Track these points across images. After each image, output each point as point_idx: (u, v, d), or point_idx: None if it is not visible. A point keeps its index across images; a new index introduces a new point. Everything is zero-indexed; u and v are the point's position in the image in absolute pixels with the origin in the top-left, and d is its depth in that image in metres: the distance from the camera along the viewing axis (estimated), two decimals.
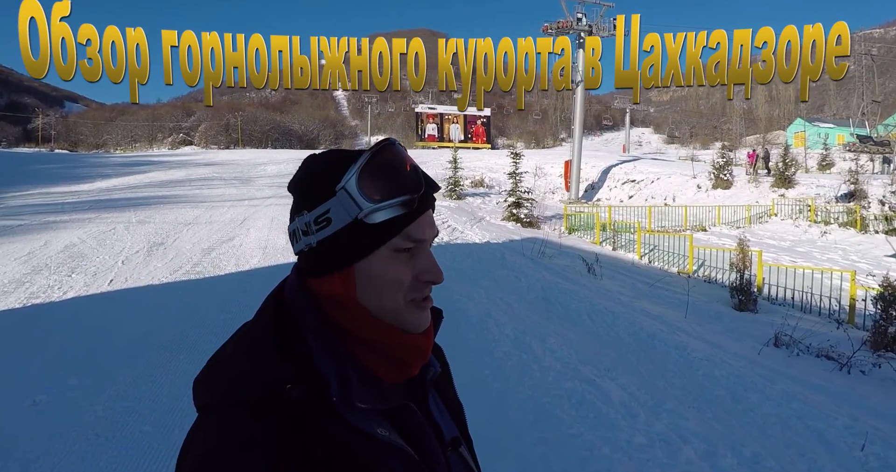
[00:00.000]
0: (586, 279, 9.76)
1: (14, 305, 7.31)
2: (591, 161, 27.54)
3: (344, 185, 0.73)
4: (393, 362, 0.77)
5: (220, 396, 0.71)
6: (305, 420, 0.67)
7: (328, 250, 0.75)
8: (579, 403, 4.17)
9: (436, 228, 0.80)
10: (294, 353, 0.71)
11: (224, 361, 0.75)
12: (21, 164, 29.16)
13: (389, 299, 0.75)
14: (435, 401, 0.87)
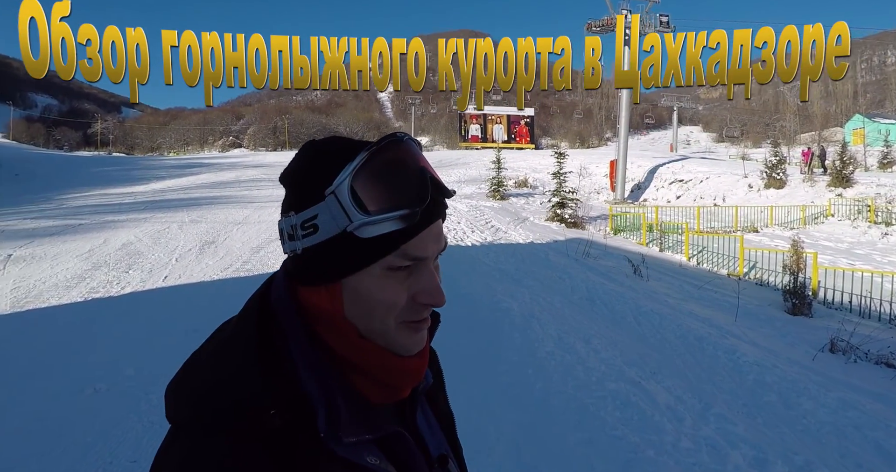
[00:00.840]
0: (632, 281, 9.60)
1: (76, 299, 7.69)
2: (637, 161, 27.04)
3: (334, 189, 0.63)
4: (381, 385, 0.69)
5: (193, 414, 0.63)
6: (289, 452, 0.60)
7: (314, 261, 0.66)
8: (624, 404, 4.12)
9: (443, 241, 0.70)
10: (278, 371, 0.63)
11: (201, 371, 0.66)
12: (81, 167, 30.54)
13: (379, 320, 0.66)
14: (424, 413, 0.80)
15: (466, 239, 12.14)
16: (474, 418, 3.90)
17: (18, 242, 11.37)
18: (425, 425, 0.78)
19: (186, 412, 0.64)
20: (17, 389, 4.74)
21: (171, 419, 0.66)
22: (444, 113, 70.42)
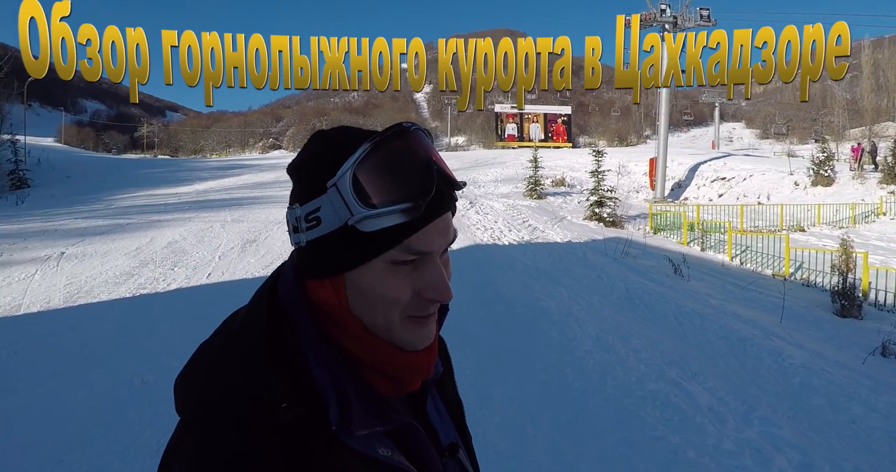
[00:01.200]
0: (672, 280, 9.43)
1: (125, 294, 7.98)
2: (677, 158, 26.47)
3: (336, 182, 0.62)
4: (389, 379, 0.68)
5: (205, 410, 0.62)
6: (301, 446, 0.59)
7: (317, 254, 0.65)
8: (664, 405, 4.07)
9: (451, 235, 0.68)
10: (289, 364, 0.62)
11: (211, 364, 0.65)
12: (129, 169, 31.56)
13: (382, 315, 0.65)
14: (434, 402, 0.79)
15: (503, 238, 12.11)
16: (511, 415, 3.91)
17: (71, 240, 11.84)
18: (435, 414, 0.78)
19: (197, 406, 0.63)
20: (69, 379, 4.95)
21: (181, 413, 0.65)
22: (480, 113, 70.21)
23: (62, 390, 4.76)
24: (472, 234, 12.39)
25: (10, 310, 7.31)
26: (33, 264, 9.74)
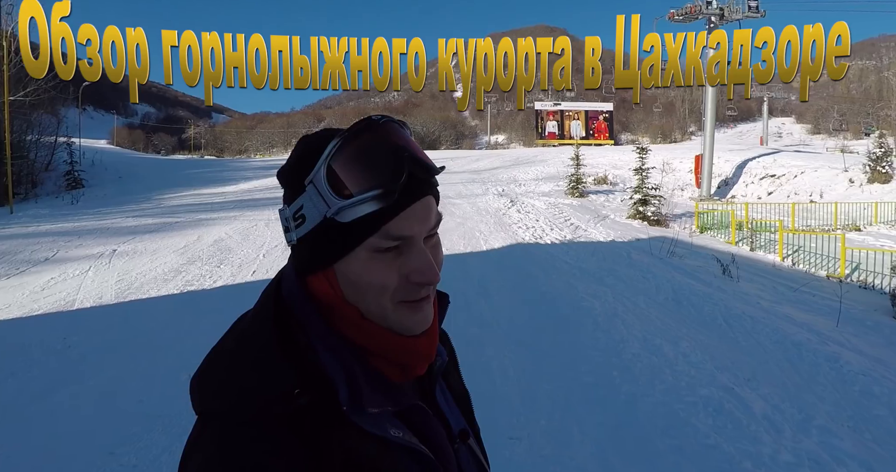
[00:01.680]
0: (721, 281, 9.13)
1: (173, 291, 8.17)
2: (724, 155, 25.73)
3: (312, 178, 0.65)
4: (394, 364, 0.70)
5: (220, 404, 0.64)
6: (316, 430, 0.61)
7: (307, 250, 0.68)
8: (716, 412, 3.91)
9: (432, 219, 0.69)
10: (298, 355, 0.65)
11: (224, 362, 0.68)
12: (177, 169, 32.49)
13: (373, 302, 0.67)
14: (442, 391, 0.81)
15: (545, 237, 11.96)
16: (557, 418, 3.82)
17: (122, 238, 12.23)
18: (444, 402, 0.79)
19: (213, 401, 0.65)
20: (120, 373, 5.08)
21: (198, 411, 0.67)
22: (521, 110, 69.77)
23: (112, 383, 4.88)
24: (513, 233, 12.27)
25: (65, 305, 7.56)
26: (87, 261, 10.08)
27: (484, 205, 16.29)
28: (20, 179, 23.61)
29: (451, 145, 76.74)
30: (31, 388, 4.86)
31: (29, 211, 18.30)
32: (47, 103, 25.53)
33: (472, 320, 6.20)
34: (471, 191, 19.74)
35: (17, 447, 3.81)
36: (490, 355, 5.05)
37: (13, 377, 5.11)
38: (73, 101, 32.13)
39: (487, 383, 4.47)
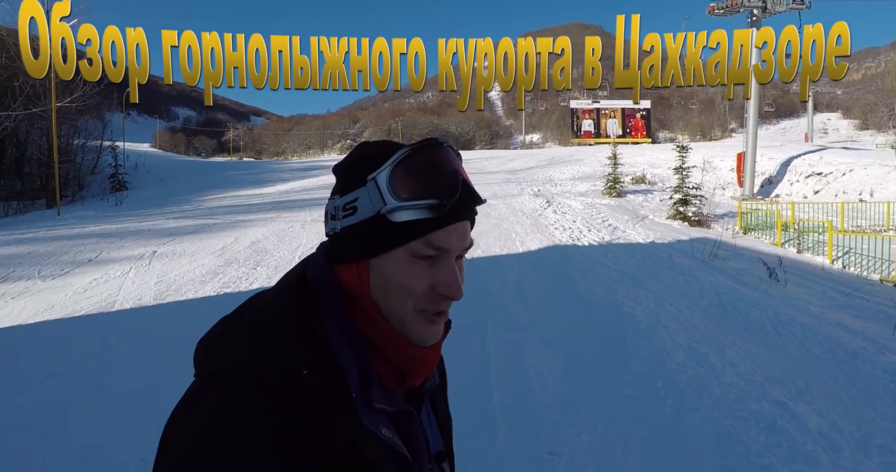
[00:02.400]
0: (767, 285, 8.77)
1: (210, 293, 8.24)
2: (767, 153, 24.89)
3: (375, 176, 0.69)
4: (394, 369, 0.73)
5: (229, 368, 0.65)
6: (323, 410, 0.62)
7: (349, 239, 0.71)
8: (769, 429, 3.68)
9: (468, 241, 0.73)
10: (313, 337, 0.66)
11: (237, 330, 0.69)
12: (216, 171, 33.13)
13: (397, 304, 0.70)
14: (427, 412, 0.83)
15: (583, 238, 11.71)
16: (599, 433, 3.65)
17: (162, 239, 12.46)
18: (427, 422, 0.81)
19: (221, 366, 0.66)
20: (155, 376, 5.09)
21: (200, 373, 0.68)
22: (556, 109, 69.09)
23: (148, 386, 4.90)
24: (549, 234, 12.06)
25: (105, 306, 7.69)
26: (128, 262, 10.28)
27: (519, 205, 16.09)
28: (67, 181, 24.40)
29: (486, 145, 76.54)
30: (70, 389, 4.92)
31: (75, 213, 18.86)
32: (93, 108, 26.32)
33: (509, 325, 6.06)
34: (506, 191, 19.55)
35: (54, 449, 3.83)
36: (528, 362, 4.90)
37: (54, 378, 5.18)
38: (117, 106, 33.07)
39: (525, 393, 4.32)
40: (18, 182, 24.20)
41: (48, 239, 12.99)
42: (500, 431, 3.71)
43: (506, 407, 4.07)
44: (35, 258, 10.91)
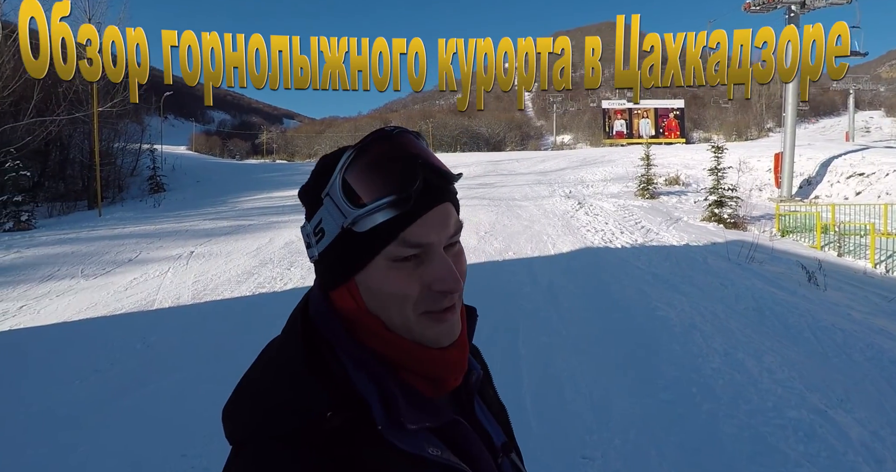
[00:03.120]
0: (806, 290, 8.55)
1: (245, 293, 8.39)
2: (806, 152, 24.25)
3: (328, 190, 0.65)
4: (425, 378, 0.68)
5: (253, 429, 0.63)
6: (350, 451, 0.60)
7: (328, 263, 0.68)
8: (808, 437, 3.60)
9: (451, 226, 0.67)
10: (329, 375, 0.64)
11: (254, 388, 0.67)
12: (250, 173, 33.72)
13: (396, 313, 0.66)
14: (480, 406, 0.79)
15: (615, 241, 11.59)
16: (632, 438, 3.62)
17: (199, 240, 12.74)
18: (484, 416, 0.78)
19: (245, 427, 0.64)
20: (194, 374, 5.22)
21: (231, 439, 0.67)
22: (587, 110, 68.46)
23: (187, 384, 5.02)
24: (582, 236, 11.97)
25: (145, 305, 7.90)
26: (166, 262, 10.54)
27: (551, 207, 15.99)
28: (108, 183, 25.12)
29: (517, 146, 76.29)
30: (111, 386, 5.07)
31: (116, 214, 19.42)
32: (133, 113, 27.08)
33: (541, 328, 6.04)
34: (537, 193, 19.45)
35: (95, 444, 3.95)
36: (560, 366, 4.87)
37: (96, 374, 5.35)
38: (155, 110, 33.94)
39: (557, 397, 4.31)
40: (62, 184, 25.05)
41: (90, 239, 13.40)
42: (532, 434, 3.70)
43: (538, 410, 4.07)
44: (78, 258, 11.27)
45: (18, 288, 8.99)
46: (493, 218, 14.14)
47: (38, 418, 4.43)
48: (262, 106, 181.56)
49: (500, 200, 17.70)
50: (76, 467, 3.68)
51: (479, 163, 32.40)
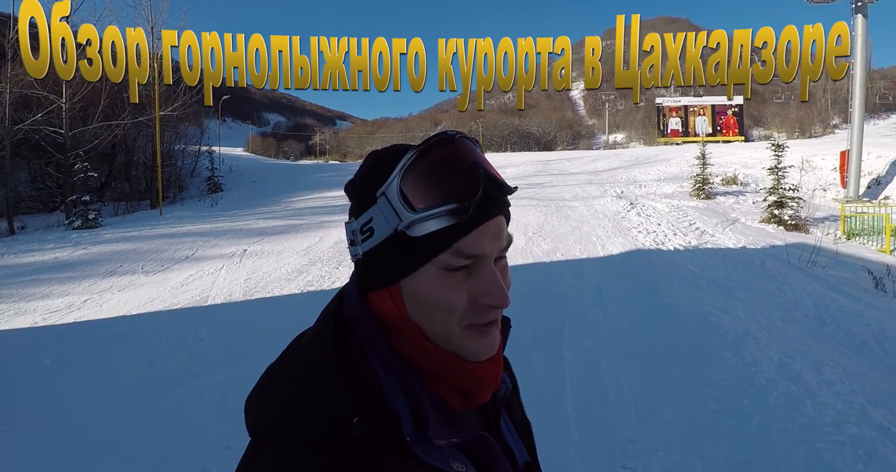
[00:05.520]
0: (873, 297, 8.08)
1: (295, 291, 8.56)
2: (875, 150, 22.96)
3: (384, 190, 0.63)
4: (457, 391, 0.67)
5: (276, 427, 0.62)
6: (374, 460, 0.58)
7: (373, 264, 0.66)
8: (869, 456, 3.38)
9: (503, 239, 0.66)
10: (358, 379, 0.62)
11: (280, 383, 0.65)
12: (303, 174, 34.46)
13: (440, 324, 0.64)
14: (505, 421, 0.77)
15: (668, 242, 11.27)
16: (677, 449, 3.49)
17: (252, 238, 13.09)
18: (508, 433, 0.76)
19: (267, 424, 0.63)
20: (243, 369, 5.34)
21: (252, 432, 0.65)
22: (641, 107, 66.92)
23: (236, 378, 5.15)
24: (632, 237, 11.69)
25: (199, 300, 8.17)
26: (220, 260, 10.87)
27: (601, 207, 15.70)
28: (169, 184, 26.20)
29: (568, 146, 75.33)
30: (165, 377, 5.26)
31: (175, 213, 20.20)
32: (192, 116, 28.13)
33: (587, 332, 5.92)
34: (588, 193, 19.13)
35: (146, 433, 4.12)
36: (605, 371, 4.76)
37: (151, 367, 5.56)
38: (213, 113, 35.14)
39: (601, 403, 4.21)
40: (127, 185, 26.27)
41: (151, 237, 13.97)
42: (572, 441, 3.63)
43: (580, 416, 3.98)
44: (139, 255, 11.76)
45: (83, 283, 9.45)
46: (542, 219, 13.98)
47: (97, 405, 4.66)
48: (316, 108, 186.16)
49: (550, 200, 17.50)
50: (128, 453, 3.85)
51: (528, 162, 32.13)
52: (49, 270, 10.54)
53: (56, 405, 4.67)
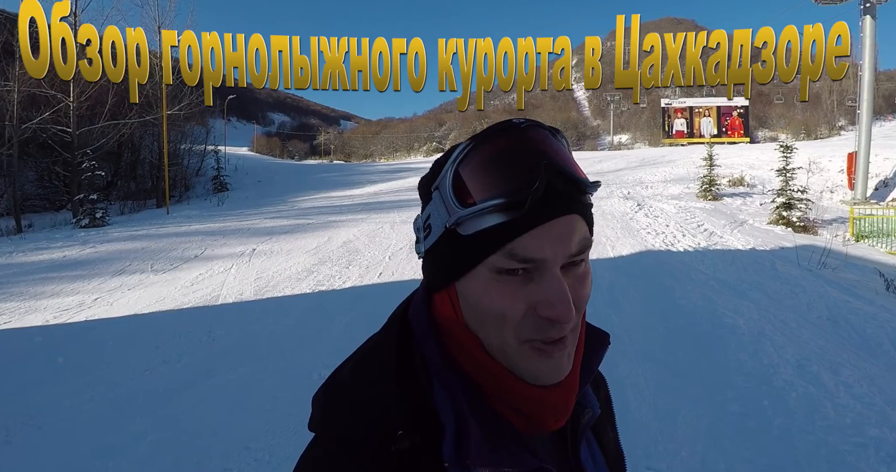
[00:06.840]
0: (885, 299, 8.05)
1: (305, 290, 8.56)
2: (882, 152, 22.87)
3: (437, 183, 0.59)
4: (518, 413, 0.59)
5: (329, 428, 0.60)
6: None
7: (430, 263, 0.62)
8: (891, 458, 3.37)
9: (573, 243, 0.56)
10: (411, 390, 0.58)
11: (339, 385, 0.63)
12: (308, 174, 34.50)
13: (494, 334, 0.57)
14: (590, 450, 0.68)
15: (677, 244, 11.24)
16: (700, 450, 3.48)
17: (260, 238, 13.10)
18: (591, 463, 0.68)
19: (321, 423, 0.62)
20: (257, 369, 5.36)
21: (309, 427, 0.64)
22: (646, 109, 66.78)
23: (251, 378, 5.16)
24: (641, 239, 11.67)
25: (211, 299, 8.17)
26: (230, 259, 10.88)
27: (609, 208, 15.68)
28: (175, 183, 26.26)
29: (573, 146, 74.94)
30: (179, 377, 5.26)
31: (182, 212, 20.24)
32: (198, 116, 28.18)
33: None
34: (595, 194, 19.07)
35: (162, 434, 4.11)
36: (623, 373, 4.75)
37: (165, 365, 5.57)
38: (219, 113, 35.20)
39: (620, 404, 4.17)
40: (133, 183, 26.34)
41: (159, 236, 13.99)
42: None
43: None
44: (148, 253, 11.78)
45: (93, 281, 9.47)
46: None
47: (113, 404, 4.66)
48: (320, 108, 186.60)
49: None
50: (145, 454, 3.84)
51: None
52: (58, 268, 10.56)
53: (71, 404, 4.68)
